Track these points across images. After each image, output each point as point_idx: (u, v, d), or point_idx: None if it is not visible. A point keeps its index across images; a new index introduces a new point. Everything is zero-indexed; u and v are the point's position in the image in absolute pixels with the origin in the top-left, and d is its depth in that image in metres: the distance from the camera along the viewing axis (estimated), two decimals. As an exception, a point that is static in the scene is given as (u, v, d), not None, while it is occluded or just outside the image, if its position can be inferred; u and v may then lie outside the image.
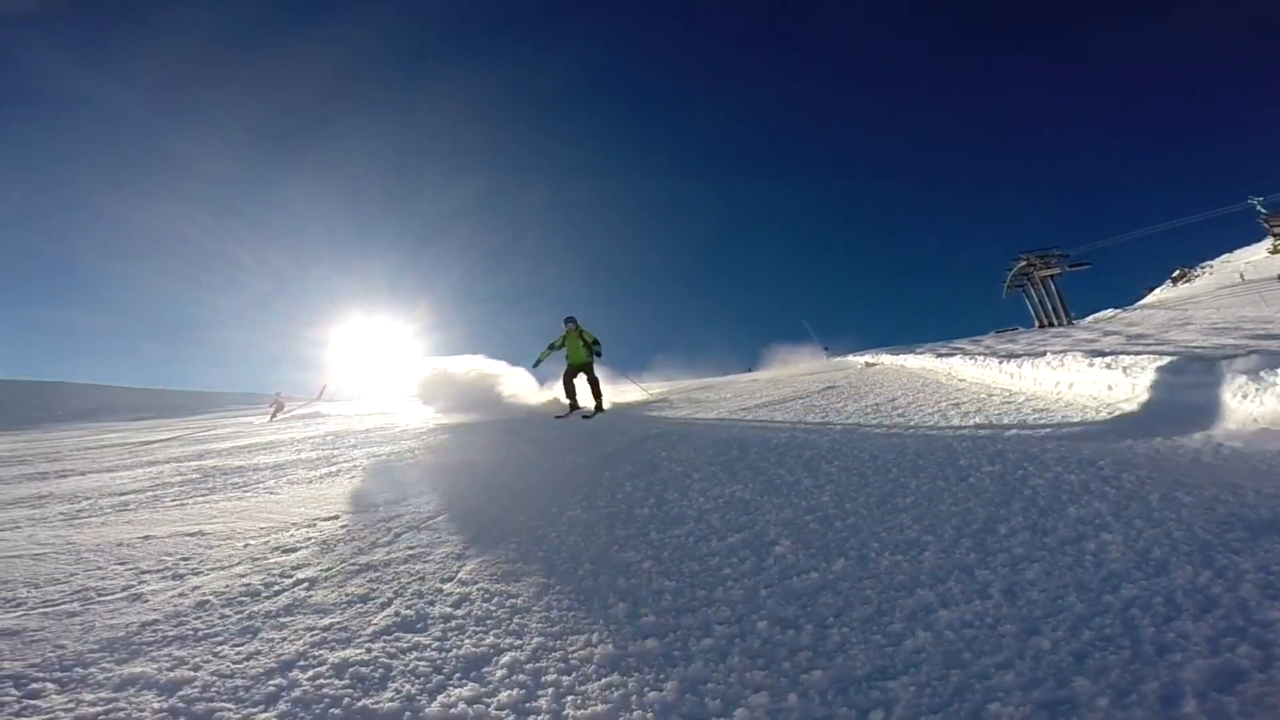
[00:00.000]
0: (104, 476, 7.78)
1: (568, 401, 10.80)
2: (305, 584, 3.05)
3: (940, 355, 11.14)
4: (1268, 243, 45.24)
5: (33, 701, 2.04)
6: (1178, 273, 54.64)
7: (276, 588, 3.08)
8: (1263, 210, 43.42)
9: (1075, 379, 6.23)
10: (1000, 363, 8.04)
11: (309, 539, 3.99)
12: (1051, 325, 37.15)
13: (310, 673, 2.13)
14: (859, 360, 17.21)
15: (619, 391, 12.93)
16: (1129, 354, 6.28)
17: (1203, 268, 52.91)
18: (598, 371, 11.30)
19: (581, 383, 10.93)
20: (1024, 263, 41.21)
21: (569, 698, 1.86)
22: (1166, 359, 5.41)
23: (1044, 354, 7.47)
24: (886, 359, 14.52)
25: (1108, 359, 6.10)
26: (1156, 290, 53.77)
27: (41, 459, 11.00)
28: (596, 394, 10.77)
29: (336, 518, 4.44)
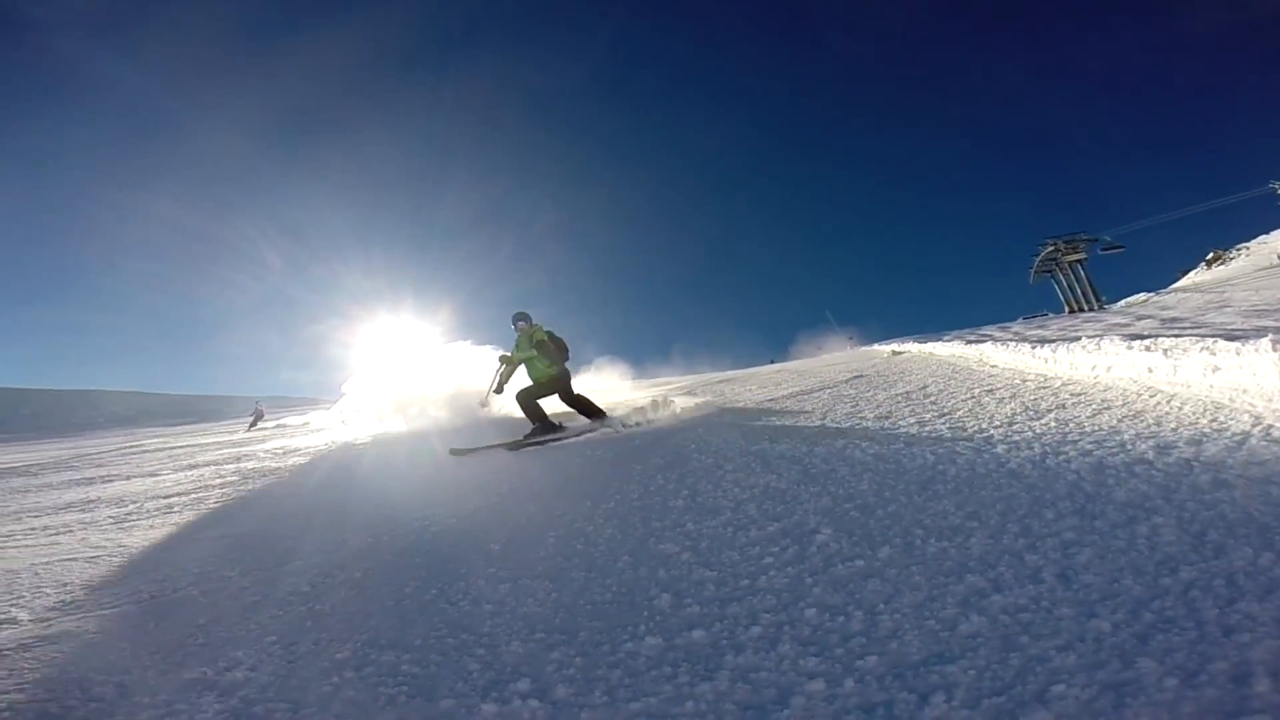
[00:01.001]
0: (148, 481, 7.97)
1: (537, 424, 7.60)
2: (352, 586, 3.09)
3: (969, 342, 10.97)
4: (1307, 223, 43.81)
5: (96, 705, 2.08)
6: (1212, 255, 53.05)
7: (322, 587, 3.13)
8: (1285, 194, 41.95)
9: (1113, 362, 6.09)
10: (1033, 348, 7.90)
11: (351, 538, 4.06)
12: (1082, 310, 36.35)
13: (365, 671, 2.15)
14: (885, 349, 17.01)
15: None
16: (1168, 336, 6.13)
17: (1238, 250, 51.30)
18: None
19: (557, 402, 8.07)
20: (1051, 248, 40.40)
21: (621, 690, 1.86)
22: (1209, 340, 5.27)
23: (1078, 338, 7.32)
24: (914, 347, 14.32)
25: (1147, 341, 5.96)
26: (1190, 273, 52.29)
27: (86, 464, 11.32)
28: (587, 410, 7.95)
29: (376, 521, 4.50)
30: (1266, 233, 49.47)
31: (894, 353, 14.95)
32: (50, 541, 4.80)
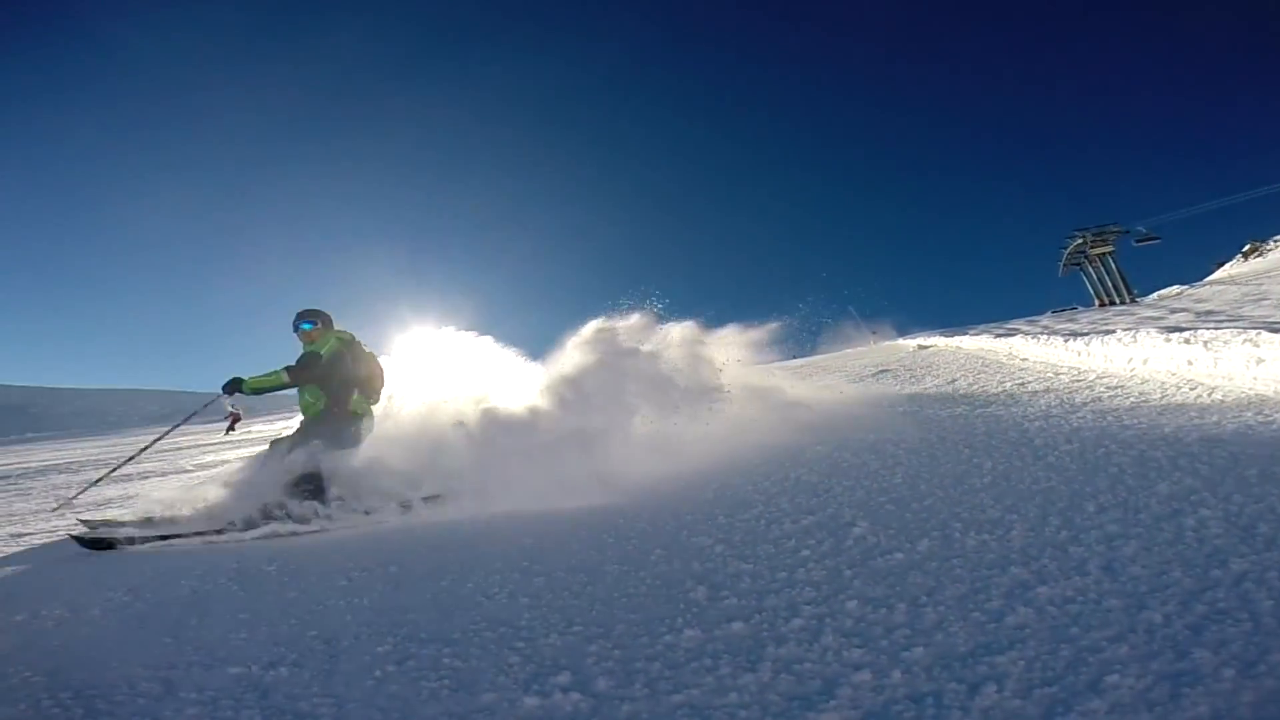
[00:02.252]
0: (183, 477, 8.15)
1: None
2: (389, 580, 3.11)
3: (998, 335, 10.80)
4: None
5: (144, 700, 2.10)
6: (1249, 246, 51.39)
7: (359, 581, 3.16)
8: (1311, 187, 40.52)
9: (1150, 355, 5.97)
10: (1065, 340, 7.76)
11: (385, 533, 4.11)
12: (1113, 304, 35.54)
13: (407, 665, 2.16)
14: (910, 343, 16.82)
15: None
16: (1208, 328, 5.99)
17: (1276, 241, 49.64)
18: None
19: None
20: (1079, 240, 39.49)
21: (662, 682, 1.85)
22: (1252, 332, 5.14)
23: (1113, 331, 7.18)
24: (940, 340, 14.15)
25: (1185, 334, 5.82)
26: (1226, 265, 50.72)
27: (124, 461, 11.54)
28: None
29: (407, 517, 4.54)
30: (1308, 223, 47.86)
31: (920, 347, 14.77)
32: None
